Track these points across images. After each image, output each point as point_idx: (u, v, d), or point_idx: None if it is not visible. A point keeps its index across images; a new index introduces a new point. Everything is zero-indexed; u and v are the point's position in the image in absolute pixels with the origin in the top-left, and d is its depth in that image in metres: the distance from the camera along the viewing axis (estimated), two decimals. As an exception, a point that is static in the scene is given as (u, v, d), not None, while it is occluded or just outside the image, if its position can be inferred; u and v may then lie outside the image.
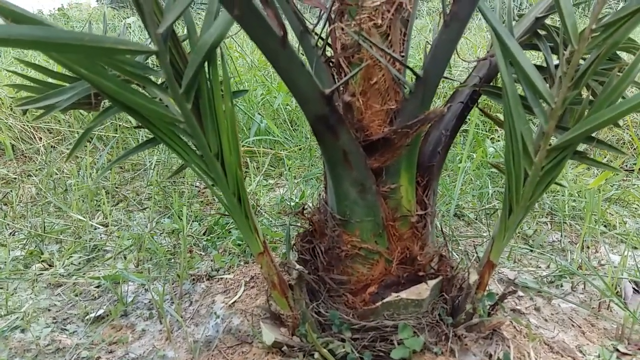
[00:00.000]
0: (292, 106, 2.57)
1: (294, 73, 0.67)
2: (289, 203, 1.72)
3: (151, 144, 0.82)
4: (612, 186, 1.79)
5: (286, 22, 0.85)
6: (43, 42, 0.50)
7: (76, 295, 1.21)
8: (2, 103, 2.31)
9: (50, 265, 1.37)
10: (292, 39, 0.85)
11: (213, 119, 0.75)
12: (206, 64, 0.70)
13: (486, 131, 2.29)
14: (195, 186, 1.94)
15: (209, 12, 0.72)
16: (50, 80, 0.89)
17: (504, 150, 1.96)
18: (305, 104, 0.72)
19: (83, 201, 1.77)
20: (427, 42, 0.84)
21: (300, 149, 2.27)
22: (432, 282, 0.84)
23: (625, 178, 1.94)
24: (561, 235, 1.49)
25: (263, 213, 1.66)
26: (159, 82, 0.76)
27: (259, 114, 2.41)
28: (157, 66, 0.69)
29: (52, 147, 2.27)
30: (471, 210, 1.67)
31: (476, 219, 1.62)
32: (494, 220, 1.60)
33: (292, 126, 2.51)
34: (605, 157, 2.11)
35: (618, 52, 0.86)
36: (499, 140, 2.20)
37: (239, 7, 0.58)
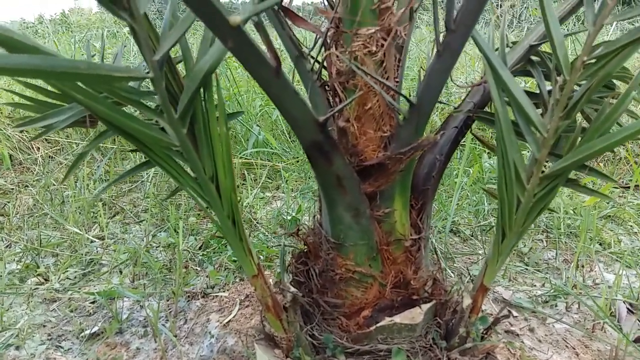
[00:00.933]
0: (290, 118, 2.57)
1: (287, 102, 0.67)
2: (285, 217, 1.72)
3: (146, 167, 0.83)
4: (607, 203, 1.79)
5: (282, 46, 0.85)
6: (41, 71, 0.51)
7: (71, 311, 1.21)
8: (1, 113, 2.32)
9: (45, 280, 1.37)
10: (287, 61, 0.86)
11: (208, 143, 0.75)
12: (202, 89, 0.71)
13: (482, 146, 2.30)
14: (191, 199, 1.94)
15: (204, 39, 0.72)
16: (44, 98, 0.90)
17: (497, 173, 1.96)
18: (299, 130, 0.72)
19: (80, 213, 1.77)
20: (421, 68, 0.85)
21: (297, 161, 2.28)
22: (425, 306, 0.84)
23: (621, 195, 1.94)
24: (556, 253, 1.49)
25: (260, 227, 1.66)
26: (154, 105, 0.76)
27: (257, 125, 2.42)
28: (152, 89, 0.70)
29: (50, 157, 2.27)
30: (467, 227, 1.67)
31: (472, 236, 1.63)
32: (490, 237, 1.60)
33: (289, 137, 2.52)
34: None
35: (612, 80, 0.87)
36: (495, 156, 2.20)
37: (232, 40, 0.59)
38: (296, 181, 2.13)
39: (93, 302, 1.25)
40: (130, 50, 3.56)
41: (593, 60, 0.69)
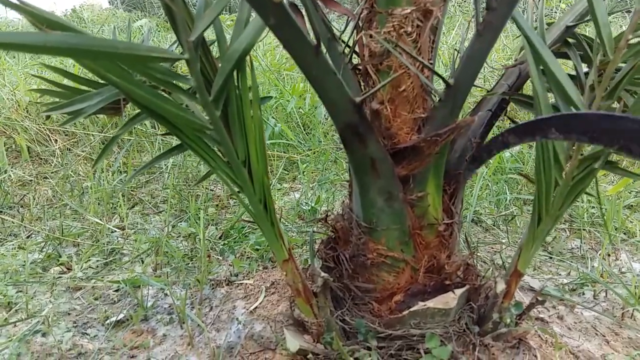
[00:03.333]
0: (305, 109, 2.57)
1: (325, 81, 0.66)
2: (304, 207, 1.72)
3: (177, 151, 0.82)
4: (630, 193, 1.77)
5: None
6: (79, 50, 0.50)
7: (95, 299, 1.21)
8: (19, 105, 2.33)
9: (68, 269, 1.38)
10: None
11: (241, 127, 0.74)
12: (235, 72, 0.70)
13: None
14: (210, 190, 1.94)
15: (238, 20, 0.72)
16: (69, 83, 0.89)
17: (519, 156, 1.94)
18: (335, 111, 0.71)
19: (99, 204, 1.78)
20: (455, 49, 0.84)
21: (313, 153, 2.27)
22: (459, 291, 0.83)
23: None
24: (581, 242, 1.47)
25: (279, 217, 1.65)
26: (186, 88, 0.76)
27: (272, 117, 2.42)
28: (184, 72, 0.70)
29: (67, 149, 2.28)
30: (488, 217, 1.66)
31: (494, 225, 1.61)
32: (512, 227, 1.59)
33: (304, 130, 2.51)
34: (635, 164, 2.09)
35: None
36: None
37: (274, 16, 0.58)
38: (312, 172, 2.12)
39: (117, 290, 1.25)
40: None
41: (637, 40, 0.67)
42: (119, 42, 0.55)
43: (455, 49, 0.83)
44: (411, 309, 0.81)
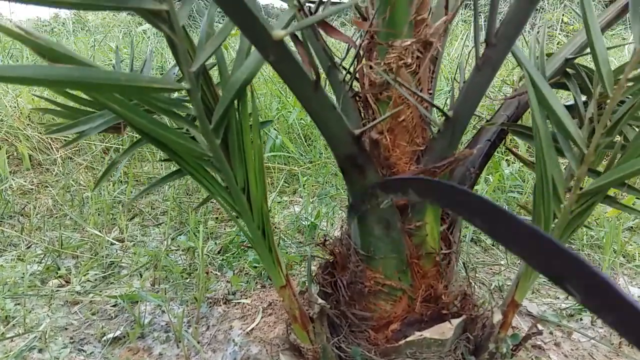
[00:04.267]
0: (307, 121, 2.58)
1: (324, 115, 0.67)
2: (303, 223, 1.72)
3: (177, 176, 0.82)
4: (630, 215, 1.77)
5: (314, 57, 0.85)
6: (82, 83, 0.50)
7: (93, 314, 1.21)
8: (21, 113, 2.33)
9: (66, 282, 1.38)
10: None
11: (241, 154, 0.75)
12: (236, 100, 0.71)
13: (502, 153, 2.28)
14: (211, 202, 1.94)
15: (240, 50, 0.72)
16: (72, 104, 0.90)
17: (520, 173, 1.93)
18: (334, 144, 0.72)
19: (99, 215, 1.78)
20: (455, 80, 0.84)
21: (314, 165, 2.27)
22: (455, 321, 0.83)
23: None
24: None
25: (278, 232, 1.66)
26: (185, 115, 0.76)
27: (274, 129, 2.42)
28: (185, 100, 0.70)
29: (69, 158, 2.28)
30: (488, 237, 1.65)
31: (493, 245, 1.61)
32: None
33: (306, 141, 2.51)
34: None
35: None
36: (514, 162, 2.18)
37: (274, 53, 0.58)
38: (313, 186, 2.13)
39: (114, 306, 1.25)
40: (143, 51, 3.56)
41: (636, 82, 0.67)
42: (121, 74, 0.55)
43: (455, 79, 0.83)
44: (407, 339, 0.81)
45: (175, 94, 0.90)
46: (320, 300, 0.84)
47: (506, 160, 2.23)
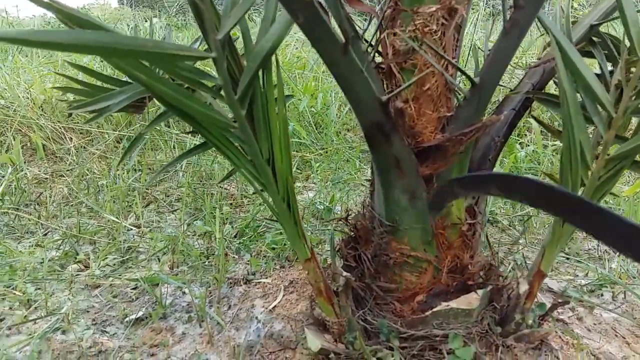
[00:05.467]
0: (317, 108, 2.57)
1: (353, 79, 0.66)
2: (318, 207, 1.72)
3: (202, 149, 0.82)
4: (647, 193, 1.75)
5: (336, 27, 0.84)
6: (109, 48, 0.50)
7: (114, 297, 1.22)
8: (34, 103, 2.34)
9: (86, 267, 1.38)
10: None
11: (266, 125, 0.75)
12: (260, 70, 0.70)
13: (515, 136, 2.27)
14: (224, 188, 1.94)
15: (265, 19, 0.72)
16: (95, 82, 0.90)
17: (534, 156, 1.92)
18: (361, 110, 0.71)
19: (114, 202, 1.79)
20: (478, 47, 0.83)
21: (326, 152, 2.27)
22: (482, 292, 0.83)
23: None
24: (598, 244, 1.46)
25: (294, 216, 1.66)
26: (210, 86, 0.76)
27: (285, 116, 2.41)
28: (209, 70, 0.70)
29: (82, 147, 2.29)
30: (504, 217, 1.65)
31: (510, 226, 1.60)
32: (529, 227, 1.57)
33: (317, 129, 2.51)
34: None
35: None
36: (528, 145, 2.17)
37: (303, 14, 0.58)
38: (326, 171, 2.12)
39: (135, 288, 1.25)
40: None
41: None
42: (148, 41, 0.55)
43: (479, 47, 0.82)
44: (434, 309, 0.81)
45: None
46: (344, 273, 0.84)
47: (519, 143, 2.22)
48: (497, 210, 1.69)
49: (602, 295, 1.21)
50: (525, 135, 2.31)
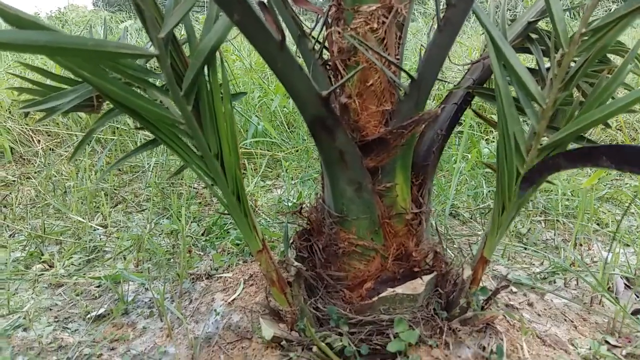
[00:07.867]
0: (289, 108, 2.60)
1: (291, 76, 0.69)
2: (286, 204, 1.74)
3: (151, 145, 0.84)
4: (605, 185, 1.82)
5: (284, 26, 0.87)
6: (48, 47, 0.52)
7: (77, 295, 1.23)
8: (1, 106, 2.32)
9: (50, 266, 1.39)
10: (289, 42, 0.87)
11: (213, 121, 0.77)
12: (206, 67, 0.72)
13: (481, 132, 2.32)
14: (194, 188, 1.96)
15: (208, 17, 0.74)
16: (50, 82, 0.91)
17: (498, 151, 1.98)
18: (303, 105, 0.74)
19: (82, 203, 1.79)
20: (421, 45, 0.87)
21: (297, 151, 2.30)
22: (427, 278, 0.86)
23: (617, 177, 1.97)
24: (554, 234, 1.51)
25: (261, 214, 1.68)
26: (159, 84, 0.78)
27: (256, 116, 2.44)
28: (157, 69, 0.72)
29: (50, 149, 2.28)
30: (466, 210, 1.69)
31: (471, 218, 1.65)
32: (489, 219, 1.62)
33: (289, 128, 2.54)
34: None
35: (607, 55, 0.89)
36: (493, 141, 2.23)
37: (238, 12, 0.60)
38: (295, 169, 2.15)
39: (98, 287, 1.26)
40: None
41: (588, 36, 0.71)
42: (89, 39, 0.57)
43: (422, 46, 0.86)
44: (380, 295, 0.84)
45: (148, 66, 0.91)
46: (296, 263, 0.87)
47: (485, 139, 2.27)
48: (459, 203, 1.74)
49: (554, 282, 1.26)
50: (492, 131, 2.36)
